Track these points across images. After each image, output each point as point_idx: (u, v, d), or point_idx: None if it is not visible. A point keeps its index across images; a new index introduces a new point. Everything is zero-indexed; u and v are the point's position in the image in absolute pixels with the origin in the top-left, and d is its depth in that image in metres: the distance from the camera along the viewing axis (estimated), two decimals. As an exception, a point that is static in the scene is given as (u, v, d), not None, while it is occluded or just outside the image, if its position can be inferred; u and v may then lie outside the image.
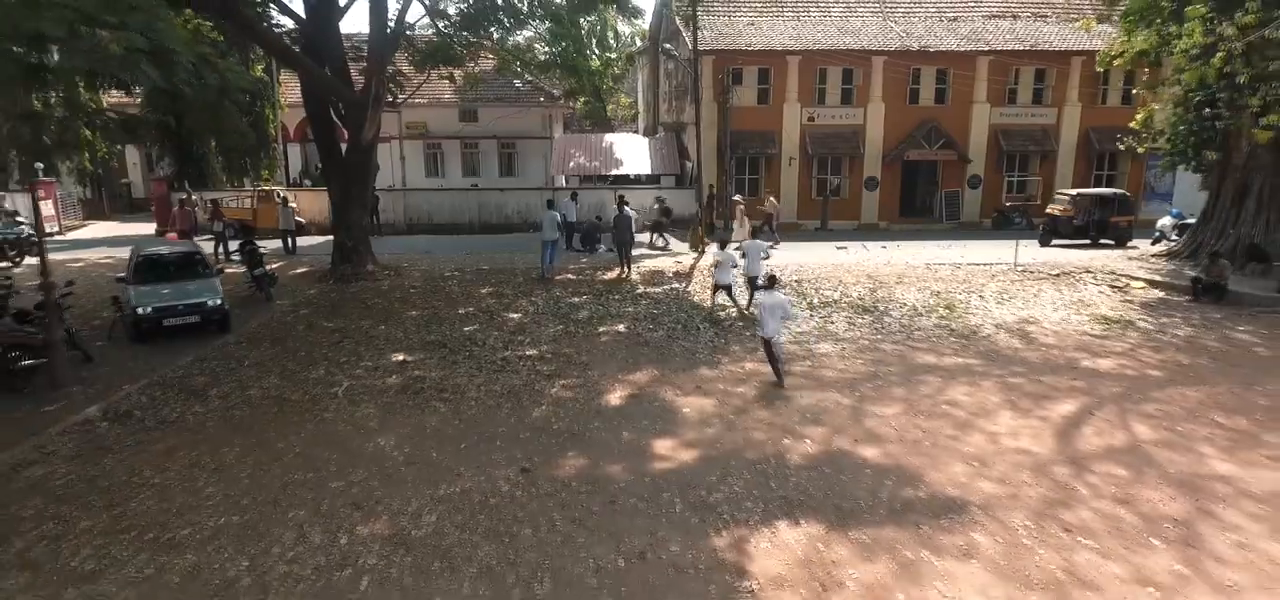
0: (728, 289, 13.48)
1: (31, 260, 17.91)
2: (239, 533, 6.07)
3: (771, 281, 10.47)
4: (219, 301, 11.87)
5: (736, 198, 24.31)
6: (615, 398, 9.34)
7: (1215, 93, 16.26)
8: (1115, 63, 18.46)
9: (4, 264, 18.04)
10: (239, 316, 13.09)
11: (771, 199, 24.87)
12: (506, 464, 7.34)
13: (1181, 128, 18.11)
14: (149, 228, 25.62)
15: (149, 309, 11.35)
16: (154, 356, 10.90)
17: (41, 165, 22.36)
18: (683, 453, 7.69)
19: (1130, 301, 14.92)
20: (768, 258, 15.27)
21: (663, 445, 7.87)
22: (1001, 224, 26.78)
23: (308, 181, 34.13)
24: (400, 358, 11.01)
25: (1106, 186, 26.06)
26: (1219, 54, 13.30)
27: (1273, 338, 12.20)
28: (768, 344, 9.66)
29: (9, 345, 8.94)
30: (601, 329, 12.73)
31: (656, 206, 23.44)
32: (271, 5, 16.71)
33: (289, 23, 17.39)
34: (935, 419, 8.57)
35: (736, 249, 15.07)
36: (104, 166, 31.19)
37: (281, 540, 5.93)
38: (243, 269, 15.76)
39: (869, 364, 10.69)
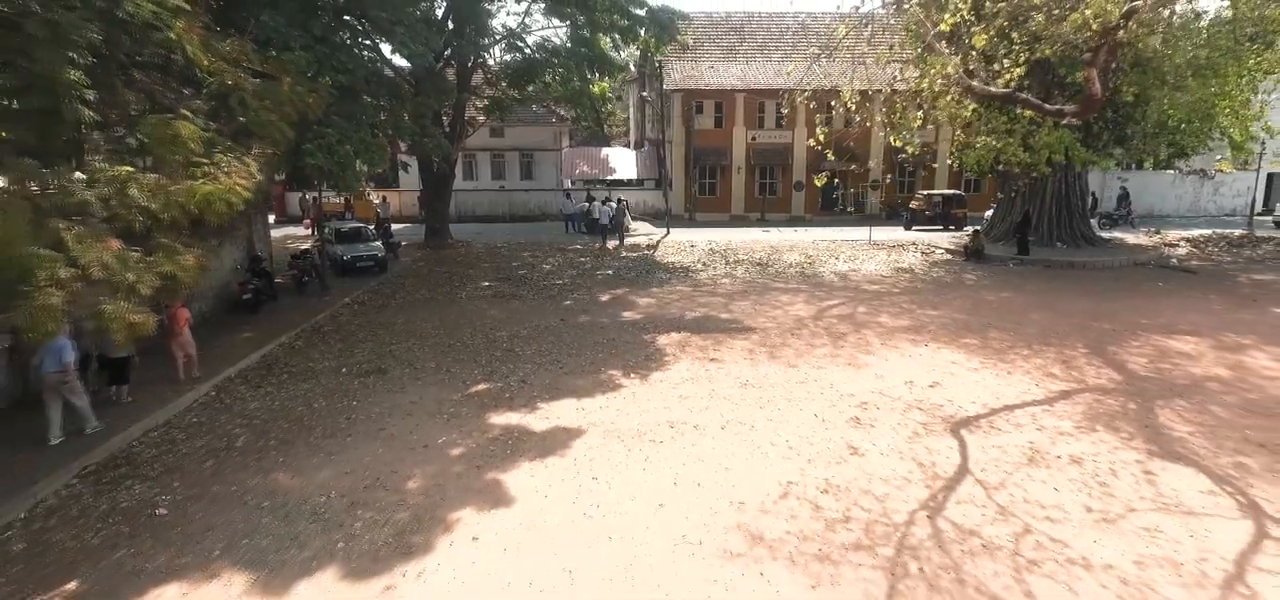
0: (604, 231, 23.24)
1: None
2: (447, 333, 13.71)
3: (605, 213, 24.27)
4: (382, 254, 19.54)
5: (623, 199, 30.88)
6: (605, 298, 16.98)
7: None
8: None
9: None
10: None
11: (620, 197, 31.49)
12: (553, 320, 14.97)
13: (961, 155, 25.84)
14: (270, 218, 33.10)
15: (349, 256, 18.97)
16: (352, 282, 18.45)
17: None
18: (637, 317, 15.29)
19: (927, 260, 22.55)
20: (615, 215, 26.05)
21: (627, 313, 15.49)
22: (892, 216, 34.38)
23: (372, 183, 41.63)
24: (486, 283, 18.61)
25: (970, 191, 33.75)
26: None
27: (985, 277, 19.82)
28: (604, 232, 22.10)
29: (301, 269, 16.62)
30: (598, 272, 20.35)
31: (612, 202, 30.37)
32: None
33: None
34: (764, 307, 16.20)
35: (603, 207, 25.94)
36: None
37: (464, 335, 13.57)
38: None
39: (743, 287, 18.32)
